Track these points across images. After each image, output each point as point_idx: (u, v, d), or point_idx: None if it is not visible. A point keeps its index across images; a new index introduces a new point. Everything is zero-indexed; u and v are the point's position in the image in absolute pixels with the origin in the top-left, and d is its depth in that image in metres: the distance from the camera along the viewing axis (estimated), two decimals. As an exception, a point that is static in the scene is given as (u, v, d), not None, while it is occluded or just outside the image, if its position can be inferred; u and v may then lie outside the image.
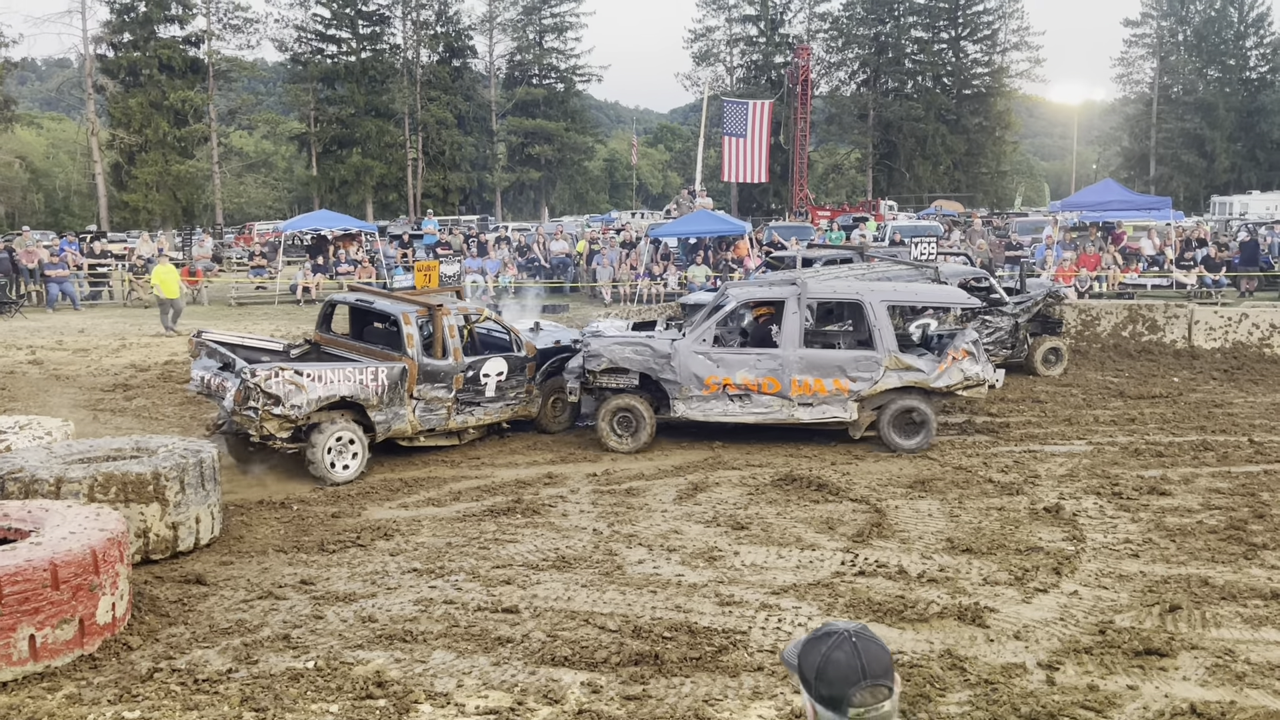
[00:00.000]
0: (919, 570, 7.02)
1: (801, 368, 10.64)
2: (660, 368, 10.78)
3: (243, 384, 9.30)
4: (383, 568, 7.15)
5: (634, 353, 10.87)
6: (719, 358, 10.77)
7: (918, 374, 10.68)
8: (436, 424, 10.55)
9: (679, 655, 5.57)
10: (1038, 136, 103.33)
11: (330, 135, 58.91)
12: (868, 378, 10.63)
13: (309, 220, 32.23)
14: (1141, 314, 17.20)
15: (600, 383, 10.94)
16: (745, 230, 27.84)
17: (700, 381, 10.69)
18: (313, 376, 9.57)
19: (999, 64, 65.18)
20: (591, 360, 10.89)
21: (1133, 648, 5.67)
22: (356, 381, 9.84)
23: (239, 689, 5.19)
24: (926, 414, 10.69)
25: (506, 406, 11.15)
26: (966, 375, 10.72)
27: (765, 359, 10.75)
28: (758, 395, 10.68)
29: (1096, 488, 9.12)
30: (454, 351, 10.66)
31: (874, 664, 2.08)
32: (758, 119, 47.33)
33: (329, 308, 11.82)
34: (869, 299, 10.97)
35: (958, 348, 10.81)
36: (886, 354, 10.67)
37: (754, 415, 10.74)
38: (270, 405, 9.28)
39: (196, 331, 10.70)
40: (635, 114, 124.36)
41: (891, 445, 10.65)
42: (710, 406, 10.75)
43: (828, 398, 10.66)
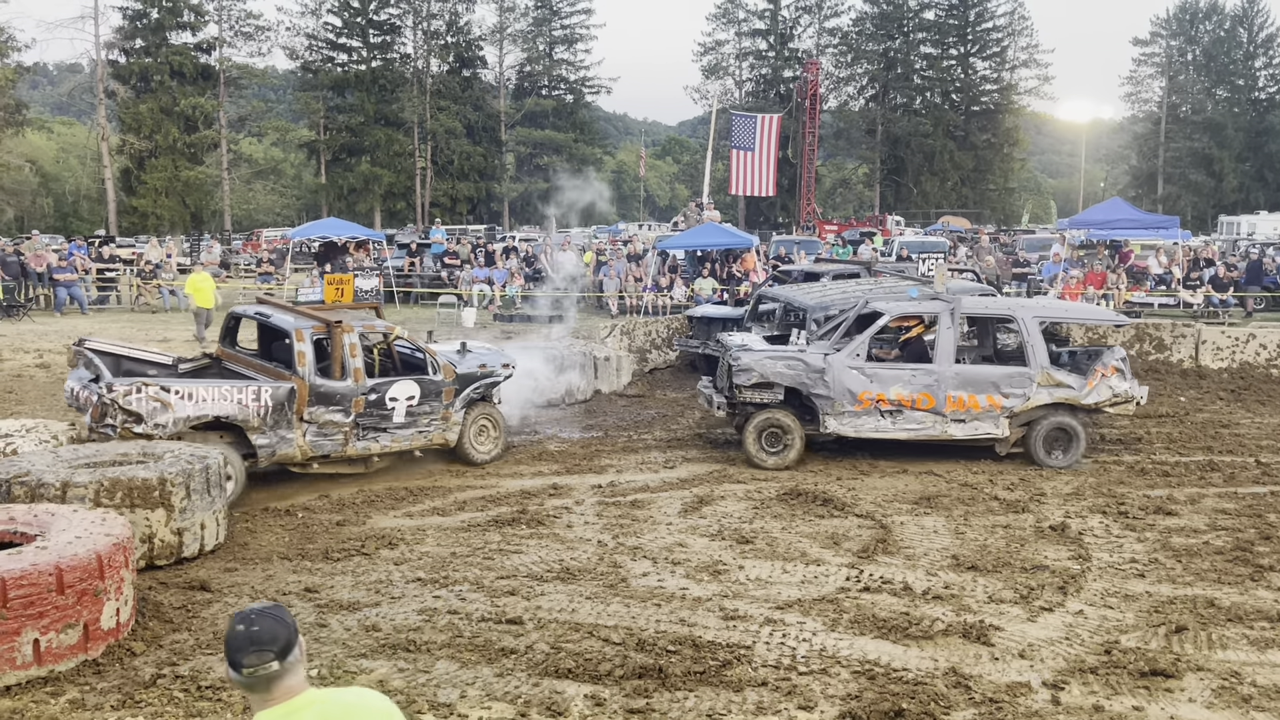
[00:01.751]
0: (924, 587, 7.00)
1: (957, 383, 10.61)
2: (813, 382, 10.62)
3: (99, 399, 8.76)
4: (387, 577, 7.14)
5: (786, 367, 10.69)
6: (873, 373, 10.65)
7: (1068, 390, 10.68)
8: (331, 450, 9.73)
9: (683, 669, 5.56)
10: (1045, 154, 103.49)
11: (339, 143, 59.17)
12: (1020, 394, 10.62)
13: (317, 228, 32.33)
14: (1148, 333, 17.17)
15: (745, 397, 10.74)
16: (753, 243, 27.89)
17: (853, 396, 10.57)
18: (181, 394, 8.94)
19: (1008, 81, 65.39)
20: (741, 375, 10.65)
21: (1138, 668, 5.65)
22: (234, 401, 9.14)
23: (242, 697, 5.17)
24: (1077, 430, 10.68)
25: (419, 434, 10.30)
26: (1115, 392, 10.76)
27: (920, 374, 10.66)
28: (911, 411, 10.62)
29: (1102, 507, 9.10)
30: (354, 372, 9.81)
31: (264, 635, 2.58)
32: (766, 133, 47.48)
33: (232, 320, 10.87)
34: (1021, 315, 11.01)
35: (1106, 364, 10.83)
36: (1039, 370, 10.66)
37: (906, 431, 10.67)
38: (130, 423, 8.71)
39: (78, 340, 9.97)
40: (644, 126, 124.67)
41: (1041, 462, 10.61)
42: (862, 422, 10.65)
43: (981, 414, 10.63)
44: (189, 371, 10.27)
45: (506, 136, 65.63)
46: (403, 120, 60.01)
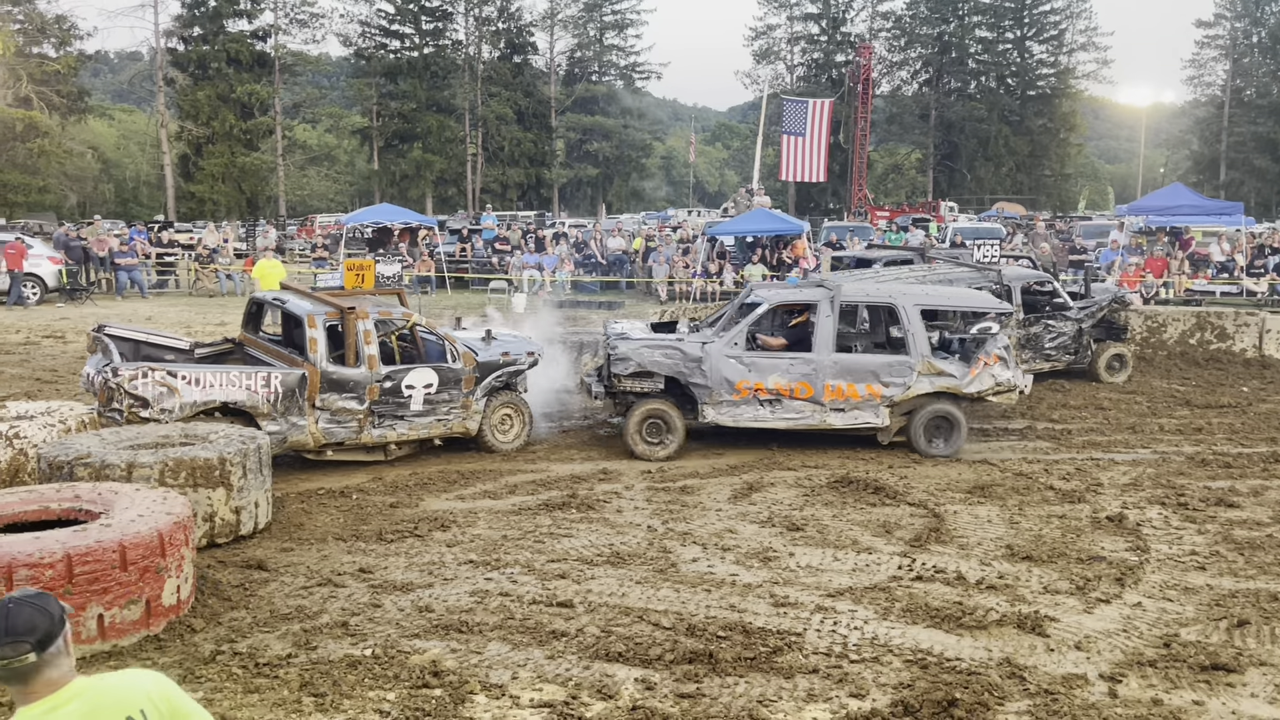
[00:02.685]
0: (977, 577, 6.93)
1: (835, 372, 10.45)
2: (690, 372, 10.47)
3: (105, 383, 8.82)
4: (439, 558, 7.21)
5: (664, 356, 10.53)
6: (751, 362, 10.50)
7: (949, 379, 10.52)
8: (345, 437, 9.71)
9: (733, 655, 5.55)
10: (1103, 139, 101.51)
11: (392, 130, 59.65)
12: (900, 383, 10.47)
13: (370, 214, 32.62)
14: (1210, 321, 16.81)
15: (625, 387, 10.60)
16: (803, 229, 27.68)
17: (731, 386, 10.43)
18: (188, 379, 8.97)
19: (1065, 65, 64.21)
20: (619, 364, 10.49)
21: (1199, 662, 5.55)
22: (242, 387, 9.14)
23: (298, 674, 5.26)
24: (958, 419, 10.52)
25: (438, 422, 10.21)
26: (998, 380, 10.57)
27: (799, 364, 10.50)
28: (790, 400, 10.47)
29: (1161, 498, 8.94)
30: (368, 359, 9.77)
31: (20, 625, 2.46)
32: (817, 118, 47.07)
33: (254, 306, 11.01)
34: (902, 303, 10.77)
35: (989, 353, 10.62)
36: (920, 359, 10.51)
37: (785, 421, 10.52)
38: (136, 407, 8.77)
39: (97, 325, 10.00)
40: (694, 111, 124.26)
41: (921, 451, 10.48)
42: (741, 411, 10.50)
43: (860, 403, 10.48)
44: (207, 357, 10.33)
45: (556, 122, 65.76)
46: (454, 106, 60.37)
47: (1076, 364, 14.84)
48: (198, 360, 10.06)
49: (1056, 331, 14.68)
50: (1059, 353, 14.73)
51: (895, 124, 65.58)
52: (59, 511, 6.19)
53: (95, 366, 9.37)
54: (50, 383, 13.81)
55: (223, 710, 4.86)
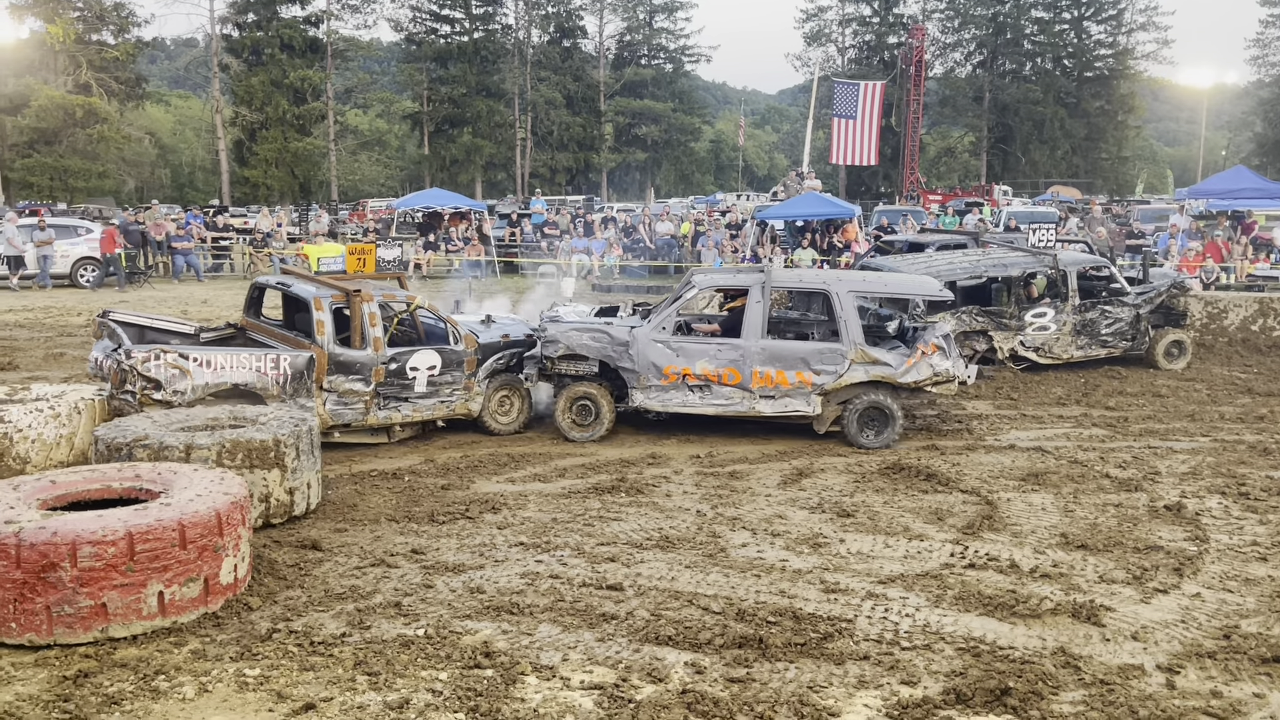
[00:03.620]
0: (1031, 565, 6.84)
1: (763, 359, 10.28)
2: (618, 355, 10.43)
3: (119, 366, 8.94)
4: (490, 540, 7.27)
5: (591, 339, 10.50)
6: (679, 346, 10.39)
7: (885, 368, 10.29)
8: (352, 419, 9.91)
9: (783, 640, 5.54)
10: (1162, 121, 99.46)
11: (442, 115, 60.00)
12: (832, 371, 10.27)
13: (421, 198, 32.89)
14: (1273, 307, 16.41)
15: (559, 369, 10.61)
16: (854, 213, 27.45)
17: (659, 371, 10.34)
18: (200, 361, 9.11)
19: (1124, 45, 62.91)
20: (548, 346, 10.53)
21: (1260, 654, 5.44)
22: (252, 369, 9.32)
23: (353, 653, 5.33)
24: (893, 410, 10.30)
25: (441, 403, 10.43)
26: (936, 370, 10.32)
27: (726, 349, 10.36)
28: (718, 386, 10.35)
29: (1221, 487, 8.76)
30: (374, 341, 9.94)
31: None
32: (869, 101, 46.60)
33: (255, 291, 11.17)
34: (835, 289, 10.56)
35: (927, 342, 10.41)
36: (852, 346, 10.29)
37: (714, 407, 10.42)
38: (149, 389, 8.90)
39: (102, 311, 10.15)
40: (743, 95, 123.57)
41: (855, 441, 10.28)
42: (669, 397, 10.43)
43: (790, 390, 10.32)
44: (211, 340, 10.50)
45: (605, 107, 65.74)
46: (504, 91, 60.59)
47: (1134, 350, 14.58)
48: (202, 344, 10.22)
49: (1113, 317, 14.42)
50: (1116, 339, 14.47)
51: (948, 107, 64.70)
52: (120, 490, 6.33)
53: (103, 351, 9.55)
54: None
55: (279, 687, 4.95)
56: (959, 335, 13.56)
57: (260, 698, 4.87)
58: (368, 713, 4.72)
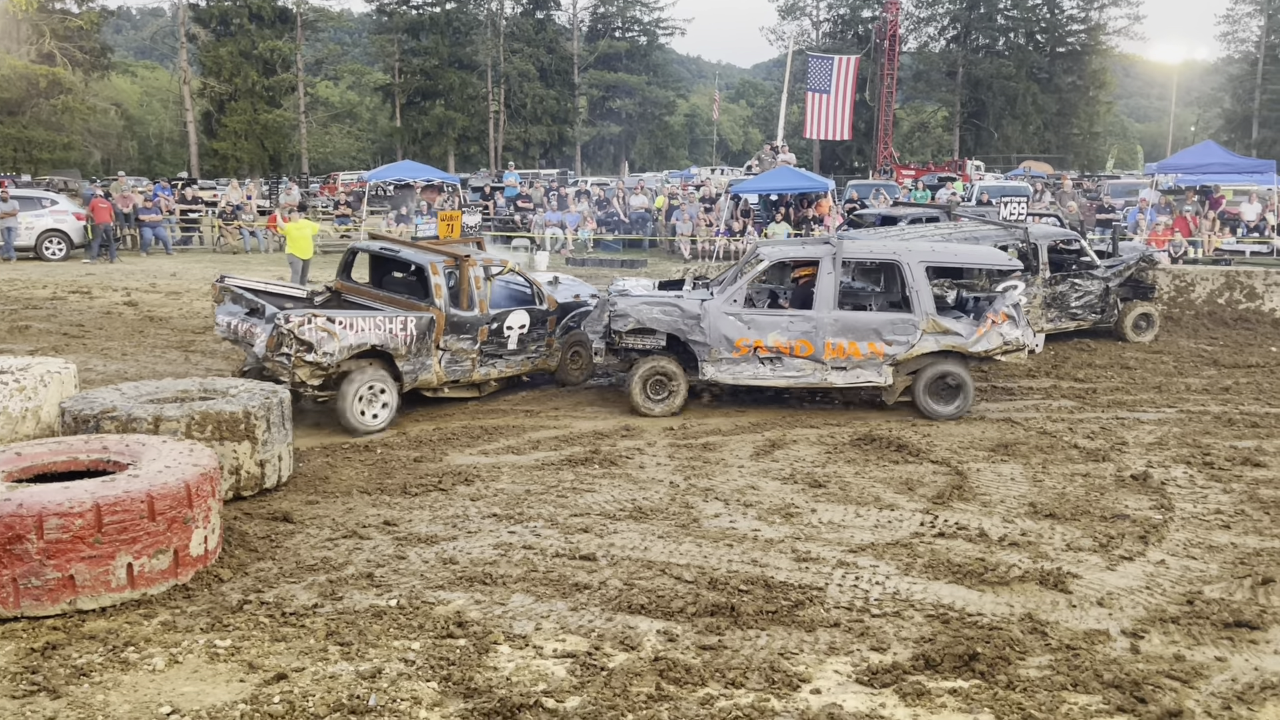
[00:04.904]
0: (1000, 534, 6.92)
1: (836, 330, 10.31)
2: (689, 329, 10.41)
3: (275, 329, 9.19)
4: (463, 512, 7.26)
5: (662, 313, 10.48)
6: (750, 319, 10.39)
7: (956, 338, 10.33)
8: (460, 375, 10.47)
9: (755, 608, 5.58)
10: (1133, 97, 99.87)
11: (414, 87, 59.41)
12: (904, 341, 10.30)
13: (392, 171, 32.58)
14: (1239, 281, 16.60)
15: (626, 344, 10.62)
16: (828, 187, 27.42)
17: (730, 343, 10.32)
18: (344, 324, 9.47)
19: (1096, 21, 63.00)
20: (618, 320, 10.49)
21: (1222, 619, 5.53)
22: (386, 331, 9.73)
23: (324, 623, 5.33)
24: (964, 379, 10.39)
25: (528, 359, 11.13)
26: (1006, 340, 10.38)
27: (798, 321, 10.37)
28: (790, 358, 10.35)
29: (1187, 457, 8.88)
30: (479, 303, 10.54)
31: None
32: (843, 75, 46.46)
33: (351, 255, 11.68)
34: (907, 259, 10.58)
35: (998, 311, 10.45)
36: (924, 317, 10.33)
37: (785, 379, 10.42)
38: (303, 352, 9.21)
39: (220, 276, 10.49)
40: (717, 69, 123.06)
41: (926, 411, 10.36)
42: (740, 369, 10.41)
43: (862, 361, 10.35)
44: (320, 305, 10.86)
45: (579, 80, 65.30)
46: (476, 63, 60.05)
47: (1103, 323, 14.70)
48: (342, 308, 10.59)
49: (1083, 290, 14.53)
50: (1085, 311, 14.59)
51: (921, 81, 64.71)
52: (87, 463, 6.27)
53: (234, 315, 9.91)
54: (77, 337, 13.93)
55: (250, 658, 4.93)
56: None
57: (231, 668, 4.86)
58: (340, 682, 4.72)
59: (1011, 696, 4.68)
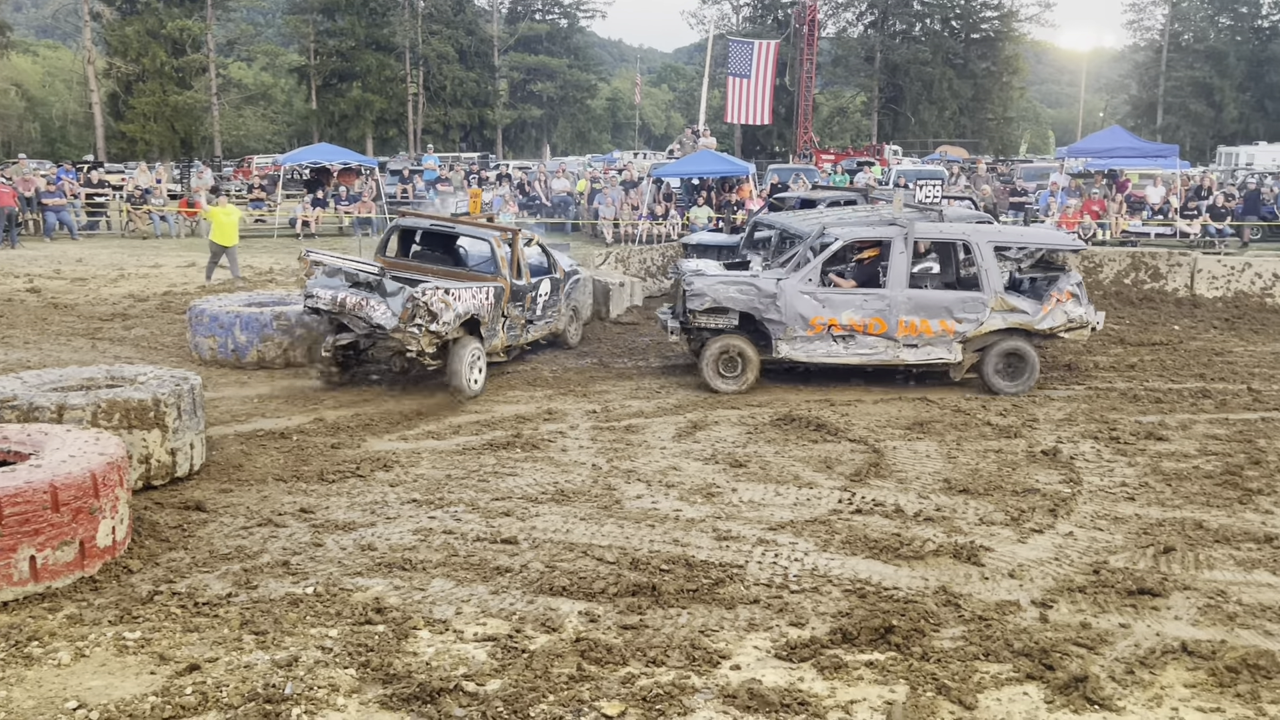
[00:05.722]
0: (915, 509, 7.06)
1: (909, 308, 10.58)
2: (765, 307, 10.59)
3: (413, 301, 9.66)
4: (382, 498, 7.18)
5: (739, 292, 10.66)
6: (825, 298, 10.61)
7: (1022, 316, 10.66)
8: (513, 340, 11.29)
9: (676, 587, 5.61)
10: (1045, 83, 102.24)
11: (330, 68, 58.22)
12: (973, 319, 10.60)
13: (308, 154, 31.90)
14: (1144, 261, 17.12)
15: (699, 323, 10.77)
16: (749, 171, 27.60)
17: (805, 322, 10.54)
18: (455, 295, 10.01)
19: (1008, 7, 64.26)
20: (694, 300, 10.65)
21: (1126, 587, 5.72)
22: (477, 300, 10.33)
23: (239, 613, 5.22)
24: (1030, 355, 10.67)
25: (546, 324, 12.04)
26: (1070, 317, 10.76)
27: (873, 299, 10.61)
28: (863, 336, 10.61)
29: (1094, 432, 9.15)
30: (525, 273, 11.40)
31: None
32: (763, 60, 46.72)
33: (393, 231, 12.08)
34: (975, 239, 10.90)
35: (1062, 290, 10.82)
36: (993, 295, 10.64)
37: (858, 356, 10.68)
38: (429, 322, 9.67)
39: (306, 251, 10.79)
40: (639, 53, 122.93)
41: (994, 387, 10.62)
42: (814, 347, 10.64)
43: (933, 339, 10.62)
44: None
45: (500, 62, 64.71)
46: (394, 45, 59.05)
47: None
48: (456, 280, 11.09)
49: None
50: None
51: (840, 67, 65.35)
52: (-13, 453, 6.05)
53: (335, 287, 10.07)
54: (-23, 326, 13.42)
55: (161, 649, 4.82)
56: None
57: (141, 661, 4.74)
58: (255, 671, 4.63)
59: (926, 667, 4.78)
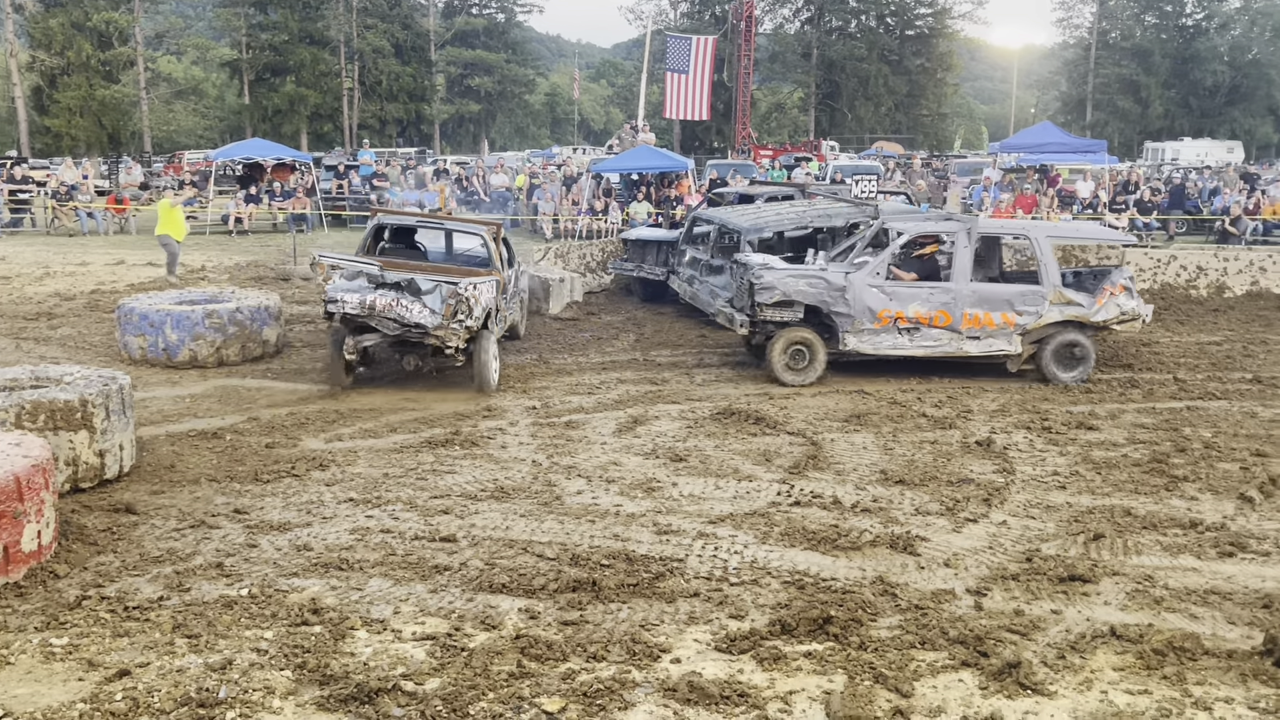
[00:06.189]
0: (853, 501, 7.13)
1: (973, 301, 10.86)
2: (834, 300, 10.79)
3: (456, 297, 9.82)
4: (318, 497, 7.08)
5: (808, 285, 10.83)
6: (892, 291, 10.84)
7: (1078, 308, 10.96)
8: (500, 332, 11.38)
9: (616, 582, 5.61)
10: (978, 80, 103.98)
11: (263, 62, 57.20)
12: (1033, 311, 10.91)
13: (241, 149, 31.32)
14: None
15: (766, 316, 10.87)
16: (687, 166, 27.68)
17: (873, 314, 10.78)
18: (480, 290, 10.15)
19: (942, 5, 65.21)
20: (763, 293, 10.77)
21: (1057, 574, 5.83)
22: (491, 295, 10.47)
23: (171, 616, 5.12)
24: (1087, 347, 10.96)
25: (510, 316, 12.14)
26: (1123, 310, 11.08)
27: (938, 293, 10.88)
28: (927, 328, 10.86)
29: (1027, 422, 9.32)
30: (505, 264, 11.81)
31: None
32: (701, 55, 46.82)
33: (377, 229, 12.10)
34: (1035, 235, 11.26)
35: (1114, 283, 11.15)
36: (1051, 288, 10.92)
37: (922, 349, 10.93)
38: (465, 315, 9.86)
39: (317, 255, 10.52)
40: (578, 48, 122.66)
41: (1052, 378, 10.89)
42: (880, 340, 10.88)
43: (995, 331, 10.91)
44: None
45: (436, 56, 64.14)
46: (328, 39, 58.22)
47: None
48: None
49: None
50: None
51: (778, 63, 65.80)
52: (-96, 458, 5.86)
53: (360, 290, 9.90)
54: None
55: (90, 655, 4.70)
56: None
57: (69, 667, 4.62)
58: (187, 676, 4.54)
59: (863, 657, 4.83)
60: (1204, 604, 5.51)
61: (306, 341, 12.81)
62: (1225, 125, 63.09)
